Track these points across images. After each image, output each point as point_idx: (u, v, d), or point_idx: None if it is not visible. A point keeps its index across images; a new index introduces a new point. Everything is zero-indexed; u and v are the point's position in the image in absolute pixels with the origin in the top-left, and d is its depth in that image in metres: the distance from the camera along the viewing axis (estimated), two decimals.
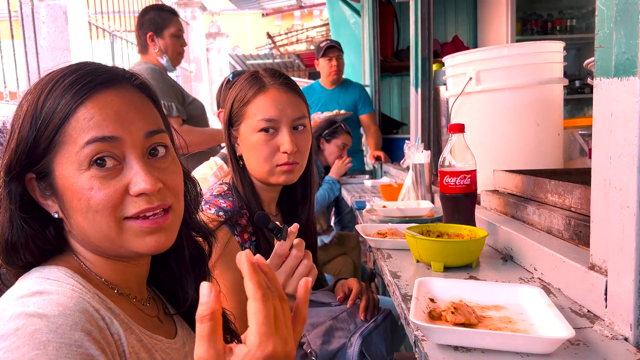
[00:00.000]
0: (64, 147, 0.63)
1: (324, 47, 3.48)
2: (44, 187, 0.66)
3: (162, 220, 0.67)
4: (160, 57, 2.52)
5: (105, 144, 0.64)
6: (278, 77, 1.23)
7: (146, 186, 0.64)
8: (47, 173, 0.65)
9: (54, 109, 0.63)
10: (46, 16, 3.66)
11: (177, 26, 2.56)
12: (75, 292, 0.59)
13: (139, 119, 0.68)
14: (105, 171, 0.64)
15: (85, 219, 0.64)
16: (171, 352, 0.71)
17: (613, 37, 0.67)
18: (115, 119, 0.65)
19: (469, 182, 1.17)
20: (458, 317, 0.71)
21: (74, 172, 0.63)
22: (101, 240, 0.66)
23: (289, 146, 1.17)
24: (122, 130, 0.65)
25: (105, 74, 0.67)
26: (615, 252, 0.68)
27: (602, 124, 0.71)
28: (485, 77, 1.45)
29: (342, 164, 3.05)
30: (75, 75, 0.65)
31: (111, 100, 0.66)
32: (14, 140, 0.64)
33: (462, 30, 4.73)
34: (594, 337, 0.68)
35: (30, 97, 0.65)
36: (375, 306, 1.30)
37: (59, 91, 0.64)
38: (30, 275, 0.63)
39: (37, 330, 0.51)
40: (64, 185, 0.64)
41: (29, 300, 0.55)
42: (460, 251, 1.02)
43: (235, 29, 14.54)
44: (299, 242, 0.95)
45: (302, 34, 9.70)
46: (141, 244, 0.66)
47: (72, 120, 0.63)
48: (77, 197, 0.63)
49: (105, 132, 0.64)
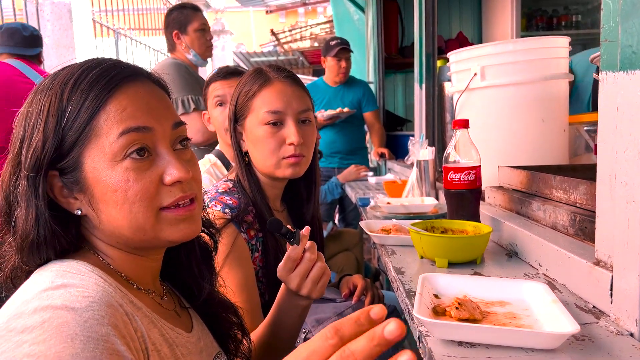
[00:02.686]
0: (94, 139, 0.63)
1: (336, 48, 3.39)
2: (70, 183, 0.65)
3: (192, 207, 0.70)
4: (187, 53, 2.58)
5: (140, 135, 0.65)
6: (282, 71, 1.24)
7: (181, 174, 0.66)
8: (75, 167, 0.64)
9: (81, 103, 0.63)
10: (51, 14, 3.67)
11: (200, 21, 2.60)
12: (99, 285, 0.59)
13: (166, 111, 0.70)
14: (139, 162, 0.65)
15: (120, 211, 0.64)
16: (189, 345, 0.72)
17: (619, 31, 0.67)
18: (146, 110, 0.66)
19: (474, 178, 1.17)
20: (462, 313, 0.70)
21: (107, 164, 0.63)
22: (135, 232, 0.66)
23: (296, 138, 1.17)
24: (154, 121, 0.67)
25: (128, 68, 0.68)
26: (620, 248, 0.68)
27: (607, 118, 0.71)
28: (490, 73, 1.44)
29: (356, 172, 3.04)
30: (99, 69, 0.66)
31: (140, 92, 0.67)
32: (38, 137, 0.63)
33: (467, 26, 4.71)
34: (599, 333, 0.68)
35: (49, 92, 0.64)
36: (380, 302, 1.30)
37: (85, 85, 0.64)
38: (48, 268, 0.62)
39: (65, 323, 0.51)
40: (95, 179, 0.64)
41: (54, 293, 0.55)
42: (465, 247, 1.02)
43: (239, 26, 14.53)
44: (311, 244, 0.95)
45: (306, 31, 9.68)
46: (175, 232, 0.68)
47: (103, 113, 0.64)
48: (112, 189, 0.63)
49: (139, 122, 0.65)
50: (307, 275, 0.94)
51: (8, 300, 0.57)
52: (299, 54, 8.59)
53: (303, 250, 0.94)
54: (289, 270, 0.94)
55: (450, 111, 2.21)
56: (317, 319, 1.20)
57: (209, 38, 2.65)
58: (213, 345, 0.81)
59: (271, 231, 0.93)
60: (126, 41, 5.09)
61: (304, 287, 0.94)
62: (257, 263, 1.18)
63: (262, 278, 1.20)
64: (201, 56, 2.62)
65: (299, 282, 0.93)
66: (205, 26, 2.63)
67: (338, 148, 3.52)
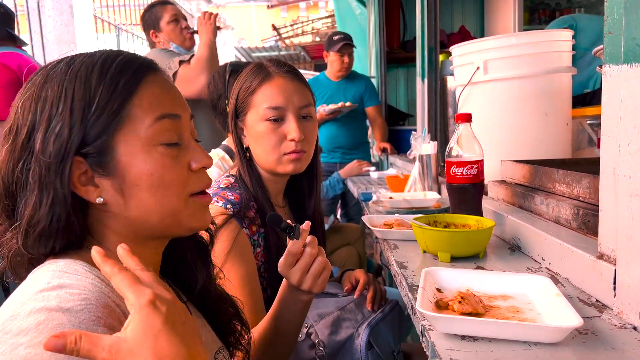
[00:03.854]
0: (129, 124, 0.64)
1: (339, 43, 3.37)
2: (95, 167, 0.64)
3: (210, 195, 0.74)
4: (168, 47, 2.59)
5: (173, 121, 0.68)
6: (282, 66, 1.23)
7: (208, 161, 0.70)
8: (103, 152, 0.64)
9: (112, 89, 0.64)
10: (52, 10, 3.66)
11: (170, 12, 2.60)
12: (95, 286, 0.58)
13: (185, 102, 0.73)
14: (173, 148, 0.67)
15: (154, 195, 0.65)
16: None
17: (622, 23, 0.67)
18: (174, 98, 0.70)
19: (476, 172, 1.16)
20: (465, 307, 0.70)
21: (142, 148, 0.65)
22: (164, 217, 0.67)
23: (297, 134, 1.17)
24: (180, 109, 0.70)
25: (147, 59, 0.71)
26: (624, 241, 0.68)
27: (611, 111, 0.70)
28: (492, 67, 1.44)
29: (358, 167, 3.03)
30: (123, 57, 0.67)
31: (164, 82, 0.70)
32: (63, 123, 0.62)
33: (469, 20, 4.69)
34: (603, 326, 0.68)
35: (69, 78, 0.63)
36: (382, 297, 1.30)
37: (114, 71, 0.65)
38: (44, 267, 0.61)
39: (60, 325, 0.50)
40: (129, 162, 0.64)
41: (49, 294, 0.54)
42: (467, 241, 1.02)
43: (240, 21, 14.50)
44: (311, 239, 0.95)
45: (307, 25, 9.65)
46: (198, 219, 0.71)
47: (136, 99, 0.65)
48: (149, 173, 0.65)
49: (171, 109, 0.68)
50: (308, 270, 0.94)
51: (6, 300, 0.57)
52: (300, 48, 8.58)
53: (304, 245, 0.94)
54: (289, 265, 0.94)
55: (452, 105, 2.21)
56: (319, 313, 1.21)
57: (184, 26, 2.64)
58: (214, 341, 0.81)
59: (271, 226, 0.94)
60: (127, 37, 5.08)
61: (305, 282, 0.94)
62: (259, 258, 1.18)
63: (264, 273, 1.20)
64: (182, 46, 2.62)
65: (300, 277, 0.93)
66: (177, 16, 2.61)
67: (340, 143, 3.52)
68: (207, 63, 2.39)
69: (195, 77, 2.36)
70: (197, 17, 2.56)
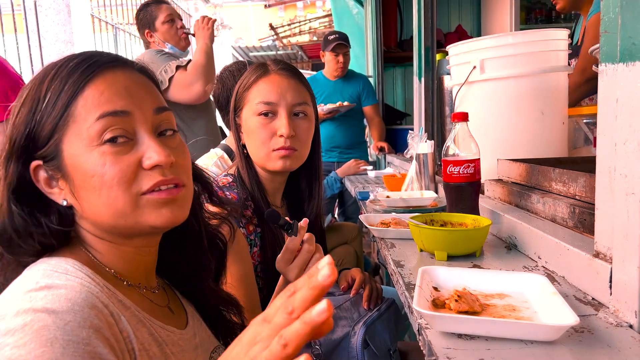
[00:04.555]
0: (73, 125, 0.63)
1: (333, 43, 3.38)
2: (52, 170, 0.65)
3: (176, 192, 0.68)
4: (163, 47, 2.57)
5: (117, 119, 0.64)
6: (280, 63, 1.24)
7: (160, 158, 0.65)
8: (55, 155, 0.64)
9: (60, 89, 0.63)
10: (49, 9, 3.65)
11: (166, 12, 2.58)
12: (84, 286, 0.58)
13: (147, 96, 0.69)
14: (117, 146, 0.64)
15: (99, 196, 0.63)
16: (182, 342, 0.71)
17: (619, 22, 0.67)
18: (125, 95, 0.66)
19: (473, 171, 1.17)
20: (462, 305, 0.70)
21: (84, 149, 0.63)
22: (116, 218, 0.65)
23: (286, 130, 1.17)
24: (133, 105, 0.66)
25: (108, 56, 0.68)
26: (620, 240, 0.68)
27: (607, 110, 0.71)
28: (489, 66, 1.44)
29: (355, 166, 3.03)
30: (79, 58, 0.66)
31: (119, 78, 0.67)
32: (14, 125, 0.64)
33: (466, 19, 4.70)
34: (599, 325, 0.68)
35: (31, 84, 0.65)
36: (378, 295, 1.30)
37: (65, 72, 0.64)
38: (36, 266, 0.62)
39: (45, 327, 0.50)
40: (74, 165, 0.63)
41: (37, 295, 0.54)
42: (464, 240, 1.02)
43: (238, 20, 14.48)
44: (309, 236, 0.95)
45: (305, 25, 9.65)
46: (157, 216, 0.66)
47: (81, 99, 0.63)
48: (90, 174, 0.63)
49: (117, 106, 0.65)
50: (305, 266, 0.94)
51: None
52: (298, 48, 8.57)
53: (301, 242, 0.94)
54: (287, 262, 0.94)
55: (449, 104, 2.21)
56: None
57: (180, 26, 2.62)
58: (210, 340, 0.80)
59: (269, 222, 0.94)
60: (125, 36, 5.06)
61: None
62: (256, 258, 1.18)
63: (260, 273, 1.20)
64: (177, 47, 2.60)
65: (297, 274, 0.94)
66: (172, 16, 2.60)
67: (337, 142, 3.52)
68: (204, 69, 2.37)
69: (191, 84, 2.35)
70: (195, 20, 2.55)
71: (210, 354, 0.77)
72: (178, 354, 0.68)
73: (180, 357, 0.69)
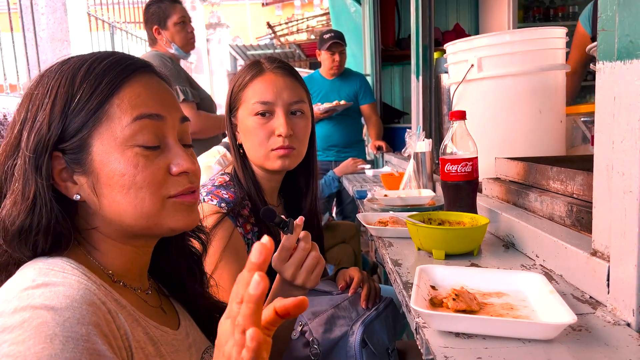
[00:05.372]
0: (106, 123, 0.64)
1: (328, 42, 3.38)
2: (73, 164, 0.64)
3: (196, 196, 0.72)
4: (169, 47, 2.57)
5: (153, 122, 0.66)
6: (275, 62, 1.23)
7: (188, 165, 0.68)
8: (81, 149, 0.64)
9: (94, 86, 0.64)
10: (45, 7, 3.64)
11: (180, 13, 2.58)
12: (81, 283, 0.58)
13: (175, 104, 0.72)
14: (149, 150, 0.66)
15: (126, 195, 0.64)
16: (176, 343, 0.71)
17: (616, 20, 0.66)
18: (159, 100, 0.68)
19: (471, 170, 1.16)
20: (459, 304, 0.70)
21: (117, 147, 0.64)
22: (138, 217, 0.66)
23: (284, 129, 1.16)
24: (166, 111, 0.68)
25: (140, 61, 0.70)
26: (617, 238, 0.68)
27: (604, 108, 0.71)
28: (487, 64, 1.44)
29: (353, 165, 3.03)
30: (113, 58, 0.67)
31: (153, 82, 0.69)
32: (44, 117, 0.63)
33: (464, 18, 4.70)
34: (596, 323, 0.68)
35: (58, 76, 0.65)
36: (376, 294, 1.30)
37: (100, 70, 0.65)
38: (32, 265, 0.61)
39: (44, 323, 0.50)
40: (103, 161, 0.64)
41: (34, 292, 0.54)
42: (462, 239, 1.02)
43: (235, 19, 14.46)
44: (305, 234, 0.95)
45: (302, 23, 9.64)
46: (179, 219, 0.69)
47: (116, 98, 0.64)
48: (120, 173, 0.64)
49: (153, 110, 0.66)
50: (301, 264, 0.94)
51: None
52: (295, 46, 8.56)
53: (297, 240, 0.94)
54: (283, 260, 0.94)
55: (447, 103, 2.21)
56: (313, 311, 1.20)
57: (190, 30, 2.62)
58: (202, 340, 0.80)
59: (264, 220, 0.93)
60: (122, 35, 5.05)
61: (299, 277, 0.94)
62: None
63: None
64: (182, 49, 2.60)
65: (293, 272, 0.93)
66: (185, 18, 2.60)
67: (335, 141, 3.52)
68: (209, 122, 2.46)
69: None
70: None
71: (202, 354, 0.77)
72: (172, 354, 0.68)
73: (175, 356, 0.69)
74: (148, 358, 0.63)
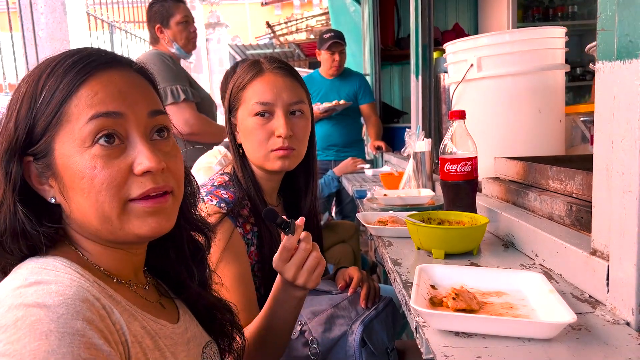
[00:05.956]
0: (66, 124, 0.62)
1: (328, 41, 3.38)
2: (42, 168, 0.64)
3: (163, 200, 0.67)
4: (170, 46, 2.56)
5: (110, 120, 0.63)
6: (275, 62, 1.23)
7: (151, 164, 0.64)
8: (47, 152, 0.63)
9: (55, 87, 0.62)
10: (44, 7, 3.63)
11: (183, 13, 2.58)
12: (74, 281, 0.58)
13: (142, 99, 0.68)
14: (108, 149, 0.63)
15: (87, 199, 0.62)
16: (175, 336, 0.71)
17: (615, 20, 0.67)
18: (119, 96, 0.65)
19: (470, 169, 1.17)
20: (459, 303, 0.70)
21: (75, 150, 0.62)
22: (101, 222, 0.64)
23: (284, 130, 1.16)
24: (126, 107, 0.65)
25: (106, 56, 0.67)
26: (617, 237, 0.68)
27: (604, 107, 0.71)
28: (486, 64, 1.44)
29: (352, 165, 3.03)
30: (77, 56, 0.65)
31: (114, 79, 0.66)
32: (12, 122, 0.63)
33: (463, 17, 4.70)
34: (596, 322, 0.68)
35: (29, 79, 0.64)
36: (376, 294, 1.30)
37: (61, 70, 0.63)
38: (24, 265, 0.61)
39: (38, 321, 0.50)
40: (64, 165, 0.63)
41: (27, 291, 0.54)
42: (461, 238, 1.02)
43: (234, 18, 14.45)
44: (306, 235, 0.95)
45: (301, 23, 9.63)
46: (142, 226, 0.65)
47: (75, 98, 0.63)
48: (79, 176, 0.62)
49: (110, 107, 0.63)
50: (302, 265, 0.94)
51: None
52: (294, 46, 8.56)
53: (298, 241, 0.94)
54: (284, 261, 0.94)
55: (446, 102, 2.21)
56: (312, 311, 1.21)
57: (192, 30, 2.62)
58: (202, 335, 0.80)
59: (266, 221, 0.93)
60: (121, 34, 5.05)
61: (300, 277, 0.94)
62: (253, 257, 1.18)
63: (257, 272, 1.19)
64: (184, 49, 2.60)
65: (294, 272, 0.93)
66: (188, 18, 2.60)
67: (334, 141, 3.52)
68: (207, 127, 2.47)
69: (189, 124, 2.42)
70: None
71: (203, 348, 0.77)
72: (171, 347, 0.68)
73: (174, 350, 0.68)
74: (146, 351, 0.62)
